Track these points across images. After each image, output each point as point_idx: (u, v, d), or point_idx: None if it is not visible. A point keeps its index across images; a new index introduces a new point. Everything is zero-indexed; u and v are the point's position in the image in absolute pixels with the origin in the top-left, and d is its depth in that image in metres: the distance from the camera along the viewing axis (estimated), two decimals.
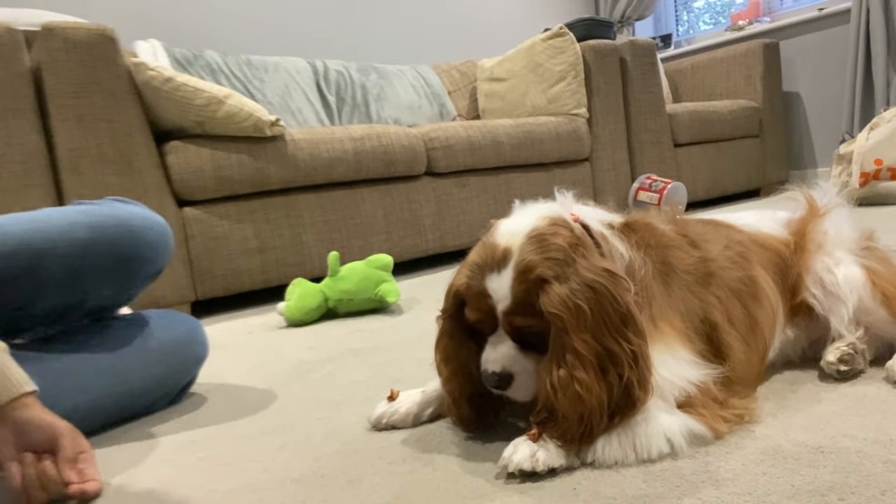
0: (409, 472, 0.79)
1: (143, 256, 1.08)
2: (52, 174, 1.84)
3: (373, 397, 1.03)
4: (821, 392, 0.88)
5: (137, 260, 1.07)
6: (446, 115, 3.40)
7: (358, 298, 1.79)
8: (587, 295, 0.72)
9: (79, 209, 1.05)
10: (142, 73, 1.92)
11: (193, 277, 2.01)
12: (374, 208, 2.35)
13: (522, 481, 0.72)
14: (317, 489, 0.77)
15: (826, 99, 3.91)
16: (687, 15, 4.96)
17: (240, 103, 2.00)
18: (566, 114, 2.92)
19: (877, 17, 3.46)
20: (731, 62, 3.91)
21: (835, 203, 1.04)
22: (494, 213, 2.56)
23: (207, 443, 0.98)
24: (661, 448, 0.73)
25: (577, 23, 3.20)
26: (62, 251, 0.98)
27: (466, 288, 0.80)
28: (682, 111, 3.41)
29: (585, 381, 0.71)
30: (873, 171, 2.82)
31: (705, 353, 0.81)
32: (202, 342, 1.21)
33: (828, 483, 0.65)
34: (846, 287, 0.93)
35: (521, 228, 0.79)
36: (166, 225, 1.15)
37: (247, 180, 2.06)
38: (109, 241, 1.03)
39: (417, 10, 3.98)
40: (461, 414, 0.87)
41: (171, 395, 1.16)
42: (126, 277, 1.08)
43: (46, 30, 1.79)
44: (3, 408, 0.79)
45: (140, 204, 1.15)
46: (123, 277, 1.07)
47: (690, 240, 0.90)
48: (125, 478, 0.88)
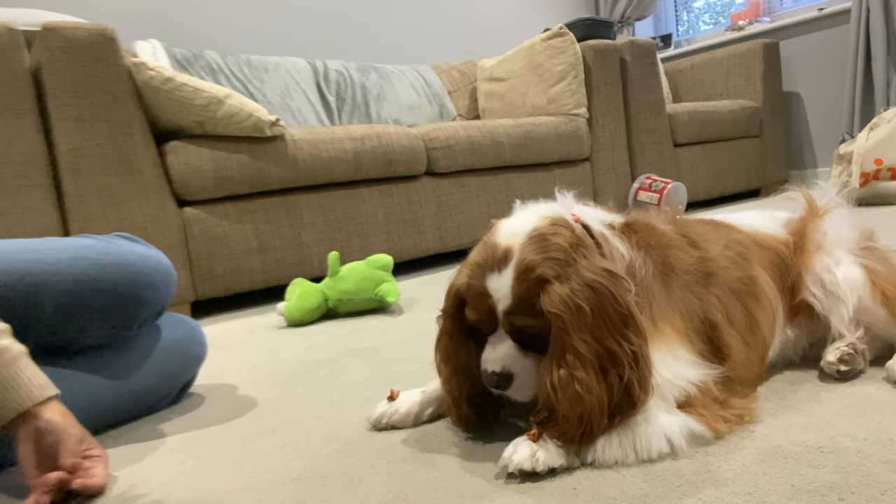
0: (409, 472, 0.79)
1: (144, 298, 1.07)
2: (52, 174, 1.84)
3: (373, 397, 1.03)
4: (821, 392, 0.88)
5: (138, 301, 1.06)
6: (446, 115, 3.40)
7: (358, 298, 1.79)
8: (588, 295, 0.72)
9: (83, 244, 1.04)
10: (142, 73, 1.92)
11: (193, 277, 2.01)
12: (374, 208, 2.35)
13: (522, 481, 0.72)
14: (317, 489, 0.77)
15: (826, 99, 3.91)
16: (687, 15, 4.96)
17: (240, 103, 2.00)
18: (566, 114, 2.92)
19: (877, 17, 3.47)
20: (731, 62, 3.91)
21: (835, 203, 1.04)
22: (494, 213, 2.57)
23: (207, 443, 0.98)
24: (661, 448, 0.73)
25: (577, 23, 3.20)
26: (62, 286, 0.98)
27: (467, 287, 0.80)
28: (682, 111, 3.41)
29: (586, 380, 0.71)
30: (873, 171, 2.82)
31: (705, 353, 0.81)
32: (201, 342, 1.21)
33: (828, 483, 0.65)
34: (846, 287, 0.93)
35: (521, 228, 0.79)
36: (170, 265, 1.14)
37: (247, 180, 2.06)
38: (111, 280, 1.03)
39: (417, 10, 3.98)
40: (461, 414, 0.87)
41: (171, 396, 1.16)
42: (125, 317, 1.06)
43: (46, 30, 1.79)
44: (30, 411, 0.80)
45: (146, 243, 1.14)
46: (122, 317, 1.06)
47: (690, 240, 0.90)
48: (125, 478, 0.88)
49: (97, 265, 1.02)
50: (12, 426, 0.80)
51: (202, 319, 1.96)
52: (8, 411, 0.79)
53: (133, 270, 1.05)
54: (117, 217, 1.88)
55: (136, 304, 1.07)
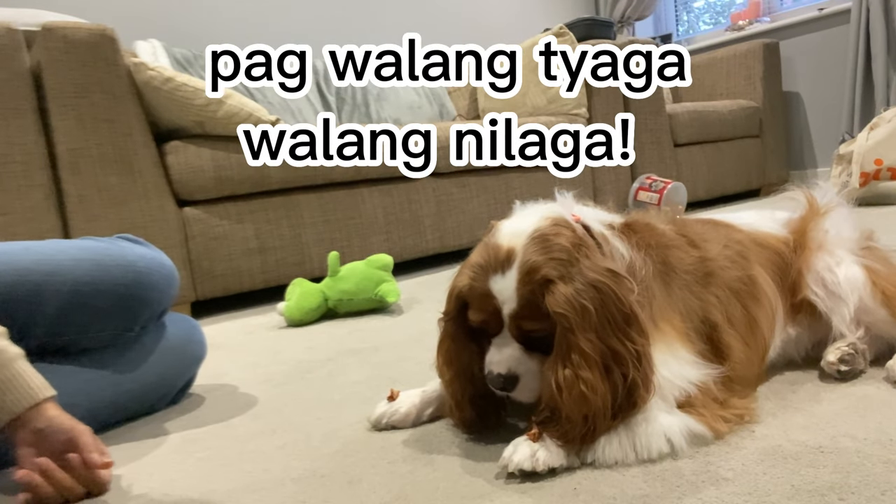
0: (409, 472, 0.79)
1: (146, 299, 1.07)
2: (52, 174, 1.84)
3: (373, 397, 1.03)
4: (821, 392, 0.88)
5: (139, 302, 1.06)
6: (446, 114, 3.40)
7: (358, 298, 1.79)
8: (592, 295, 0.72)
9: (86, 246, 1.05)
10: (142, 73, 1.92)
11: (193, 277, 2.01)
12: (374, 208, 2.35)
13: (522, 481, 0.72)
14: (317, 489, 0.77)
15: (826, 99, 3.92)
16: (687, 15, 4.96)
17: (240, 103, 2.00)
18: (566, 114, 2.92)
19: (877, 17, 3.47)
20: (731, 62, 3.91)
21: (835, 203, 1.04)
22: (494, 213, 2.57)
23: (207, 443, 0.98)
24: (661, 448, 0.73)
25: (577, 23, 3.21)
26: (64, 287, 0.98)
27: (469, 289, 0.80)
28: (682, 111, 3.41)
29: (591, 380, 0.71)
30: (873, 171, 2.82)
31: (705, 353, 0.81)
32: (200, 342, 1.21)
33: (828, 483, 0.65)
34: (847, 287, 0.93)
35: (523, 229, 0.79)
36: (172, 267, 1.14)
37: (247, 180, 2.06)
38: (113, 281, 1.03)
39: (417, 9, 3.98)
40: (464, 416, 0.87)
41: (171, 396, 1.16)
42: (127, 318, 1.06)
43: (46, 30, 1.79)
44: (24, 414, 0.80)
45: (148, 244, 1.14)
46: (124, 318, 1.06)
47: (690, 240, 0.90)
48: (125, 477, 0.88)
49: (100, 266, 1.02)
50: (10, 429, 0.80)
51: (202, 319, 1.96)
52: (4, 413, 0.79)
53: (135, 271, 1.05)
54: (117, 217, 1.88)
55: (139, 306, 1.07)
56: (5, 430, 0.80)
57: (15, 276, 0.94)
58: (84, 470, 0.80)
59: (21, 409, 0.79)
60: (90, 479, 0.81)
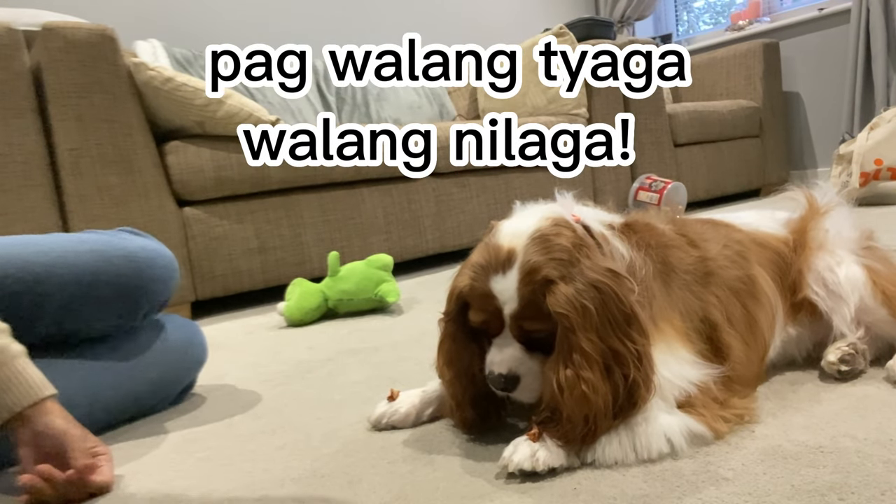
0: (409, 472, 0.79)
1: (147, 290, 1.08)
2: (52, 174, 1.84)
3: (373, 397, 1.03)
4: (821, 392, 0.88)
5: (141, 293, 1.07)
6: (446, 114, 3.40)
7: (358, 298, 1.79)
8: (592, 295, 0.72)
9: (88, 238, 1.05)
10: (142, 73, 1.92)
11: (193, 277, 2.01)
12: (374, 208, 2.35)
13: (522, 481, 0.72)
14: (317, 489, 0.77)
15: (826, 99, 3.92)
16: (687, 15, 4.96)
17: (240, 103, 2.00)
18: (566, 114, 2.92)
19: (877, 17, 3.47)
20: (731, 62, 3.91)
21: (835, 203, 1.04)
22: (494, 213, 2.57)
23: (207, 443, 0.98)
24: (661, 448, 0.73)
25: (577, 23, 3.21)
26: (65, 279, 0.98)
27: (470, 290, 0.80)
28: (682, 111, 3.41)
29: (592, 380, 0.71)
30: (873, 171, 2.82)
31: (705, 353, 0.81)
32: (202, 345, 1.21)
33: (828, 483, 0.65)
34: (848, 286, 0.93)
35: (524, 229, 0.79)
36: (173, 259, 1.15)
37: (247, 180, 2.06)
38: (114, 273, 1.03)
39: (417, 9, 3.98)
40: (464, 417, 0.86)
41: (171, 399, 1.16)
42: (128, 310, 1.07)
43: (46, 30, 1.79)
44: (24, 413, 0.80)
45: (150, 236, 1.15)
46: (125, 310, 1.07)
47: (690, 239, 0.90)
48: (125, 478, 0.88)
49: (102, 256, 1.03)
50: (10, 427, 0.80)
51: (202, 319, 1.97)
52: (4, 411, 0.79)
53: (137, 261, 1.06)
54: (117, 217, 1.88)
55: (141, 295, 1.07)
56: (6, 428, 0.80)
57: (19, 268, 0.94)
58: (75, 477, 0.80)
59: (21, 408, 0.79)
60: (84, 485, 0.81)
